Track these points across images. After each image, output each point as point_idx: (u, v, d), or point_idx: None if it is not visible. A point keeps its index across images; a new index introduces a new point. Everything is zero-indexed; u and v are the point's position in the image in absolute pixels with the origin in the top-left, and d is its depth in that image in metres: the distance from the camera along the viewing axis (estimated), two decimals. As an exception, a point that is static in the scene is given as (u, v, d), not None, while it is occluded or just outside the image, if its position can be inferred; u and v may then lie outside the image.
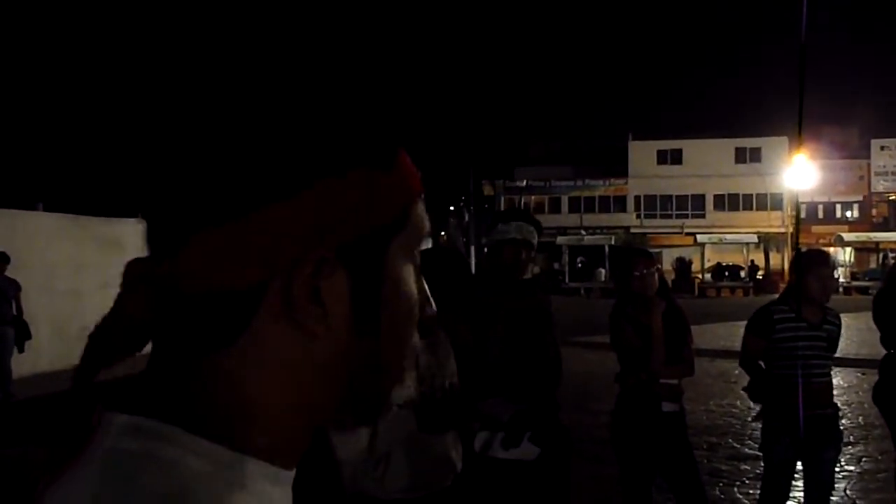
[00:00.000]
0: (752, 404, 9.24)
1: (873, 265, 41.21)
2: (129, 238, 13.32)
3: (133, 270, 0.60)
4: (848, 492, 6.38)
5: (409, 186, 0.64)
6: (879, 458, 7.24)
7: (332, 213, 0.58)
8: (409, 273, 0.64)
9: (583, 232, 48.75)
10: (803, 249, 4.96)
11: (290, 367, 0.59)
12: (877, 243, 41.32)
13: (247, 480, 0.57)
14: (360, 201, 0.59)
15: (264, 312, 0.57)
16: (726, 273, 41.71)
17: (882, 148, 47.69)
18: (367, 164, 0.60)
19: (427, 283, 0.68)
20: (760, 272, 42.86)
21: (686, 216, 50.28)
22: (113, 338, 0.60)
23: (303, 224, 0.57)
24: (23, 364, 11.14)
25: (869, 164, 48.08)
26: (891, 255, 37.70)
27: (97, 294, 13.31)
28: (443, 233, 57.73)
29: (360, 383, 0.63)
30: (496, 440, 3.63)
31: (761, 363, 4.59)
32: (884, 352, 5.16)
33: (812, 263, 4.52)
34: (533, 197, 51.91)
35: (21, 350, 10.84)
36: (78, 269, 13.30)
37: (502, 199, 52.57)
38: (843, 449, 7.19)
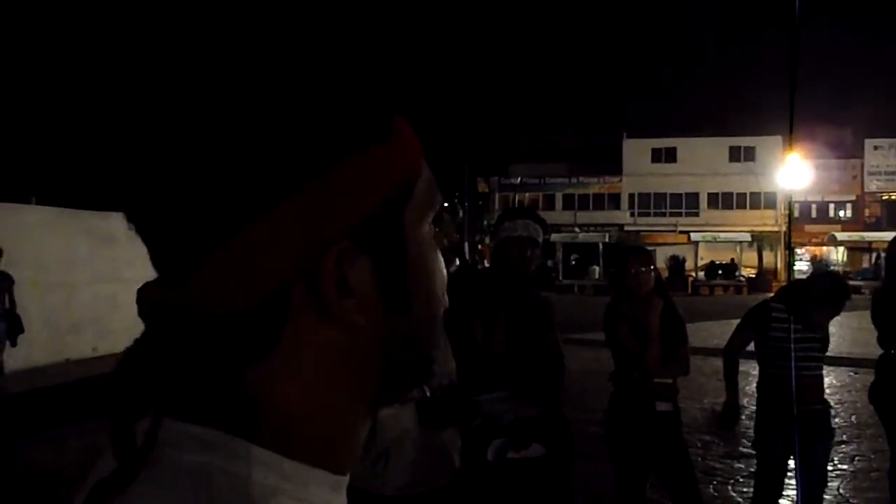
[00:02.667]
0: (745, 402, 9.28)
1: (866, 265, 41.41)
2: (121, 232, 13.19)
3: (148, 297, 0.57)
4: (841, 490, 6.40)
5: (410, 152, 0.61)
6: (872, 456, 7.26)
7: (339, 201, 0.55)
8: (428, 239, 0.62)
9: (577, 229, 48.81)
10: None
11: (336, 364, 0.58)
12: (869, 243, 41.47)
13: (311, 492, 0.57)
14: (364, 181, 0.57)
15: (296, 317, 0.55)
16: (719, 271, 41.84)
17: (875, 148, 47.82)
18: (364, 141, 0.57)
19: None
20: (751, 271, 43.01)
21: (680, 214, 50.35)
22: (142, 367, 0.58)
23: (311, 220, 0.54)
24: (15, 358, 11.11)
25: (862, 164, 48.20)
26: (883, 254, 37.80)
27: (90, 287, 13.29)
28: (437, 229, 57.60)
29: (402, 360, 0.62)
30: (508, 448, 3.63)
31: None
32: (879, 351, 5.16)
33: (825, 297, 4.50)
34: (527, 194, 51.92)
35: (14, 344, 10.81)
36: (71, 262, 13.25)
37: (497, 196, 52.62)
38: (837, 448, 7.22)
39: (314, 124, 0.56)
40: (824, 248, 40.42)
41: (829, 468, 5.91)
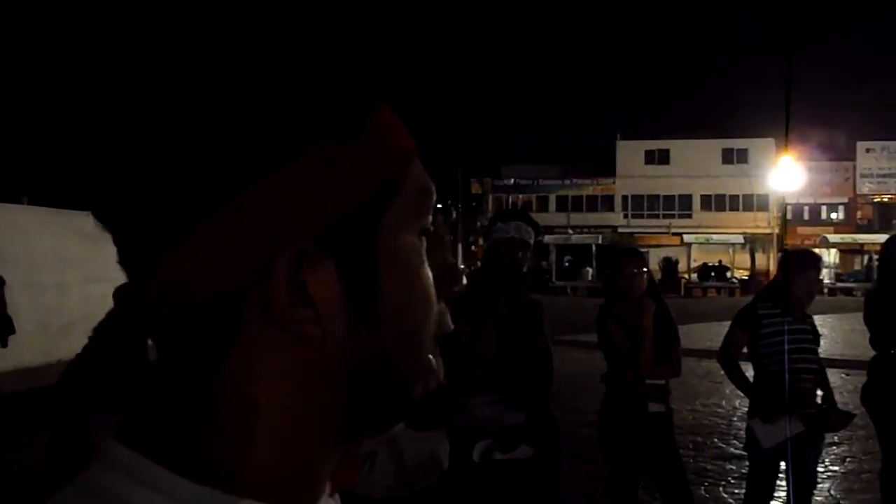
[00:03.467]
0: (737, 404, 9.32)
1: (858, 267, 41.57)
2: (114, 232, 13.21)
3: (120, 298, 0.56)
4: (832, 492, 6.41)
5: (387, 152, 0.54)
6: (863, 458, 7.27)
7: (296, 201, 0.50)
8: (412, 251, 0.56)
9: (570, 231, 48.89)
10: (790, 249, 4.99)
11: (290, 381, 0.52)
12: (861, 245, 41.60)
13: None
14: (327, 180, 0.51)
15: (249, 324, 0.51)
16: (712, 273, 41.94)
17: (868, 150, 48.04)
18: (327, 137, 0.52)
19: None
20: (744, 272, 43.14)
21: (673, 216, 50.49)
22: (92, 372, 0.57)
23: (265, 217, 0.50)
24: (6, 359, 11.07)
25: (854, 167, 48.42)
26: (875, 257, 37.97)
27: (81, 288, 13.24)
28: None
29: (372, 384, 0.55)
30: (494, 449, 3.63)
31: (748, 372, 4.60)
32: (872, 353, 5.17)
33: (799, 265, 4.53)
34: (521, 195, 51.99)
35: (4, 345, 10.78)
36: (62, 262, 13.21)
37: (490, 197, 52.68)
38: (828, 449, 7.24)
39: (266, 117, 0.51)
40: (816, 250, 40.55)
41: (821, 469, 5.93)
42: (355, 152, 0.53)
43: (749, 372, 4.64)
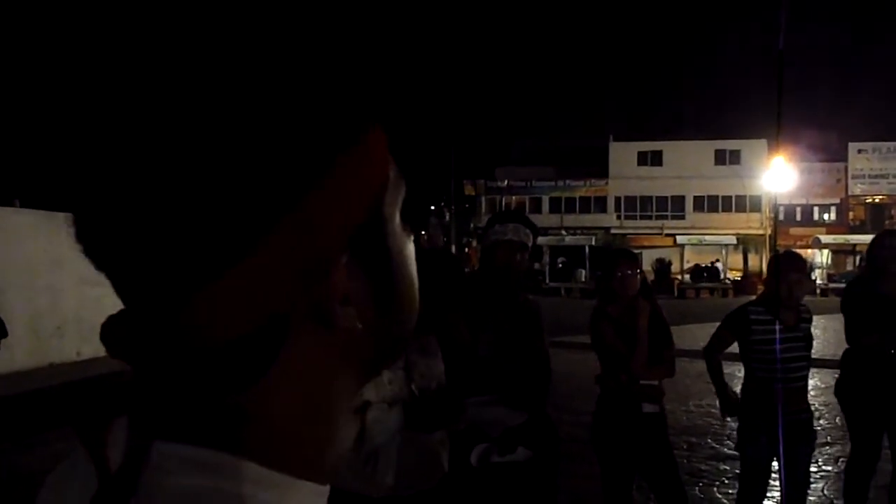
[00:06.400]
0: (731, 405, 9.31)
1: (850, 267, 41.62)
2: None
3: (119, 332, 0.55)
4: (825, 491, 6.43)
5: (383, 150, 0.58)
6: (856, 458, 7.29)
7: (331, 215, 0.53)
8: (400, 230, 0.61)
9: (563, 232, 48.90)
10: (780, 251, 5.01)
11: (332, 372, 0.58)
12: (853, 245, 41.70)
13: None
14: (349, 190, 0.54)
15: (296, 328, 0.54)
16: (705, 274, 42.00)
17: (859, 151, 48.18)
18: (339, 150, 0.54)
19: (422, 285, 0.65)
20: (737, 273, 43.24)
21: (666, 217, 50.57)
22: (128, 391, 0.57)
23: (307, 242, 0.52)
24: (-1, 362, 11.03)
25: (846, 168, 48.56)
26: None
27: (74, 291, 13.20)
28: (423, 232, 57.69)
29: (384, 356, 0.63)
30: (493, 452, 3.63)
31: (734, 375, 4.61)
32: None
33: (783, 267, 4.55)
34: (514, 197, 52.03)
35: (-3, 348, 10.72)
36: (55, 265, 13.17)
37: (483, 199, 52.69)
38: (821, 449, 7.26)
39: (294, 140, 0.52)
40: (809, 250, 40.67)
41: (813, 469, 5.94)
42: (362, 158, 0.56)
43: (739, 373, 4.65)
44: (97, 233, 0.54)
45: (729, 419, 5.50)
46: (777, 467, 4.53)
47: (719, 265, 42.63)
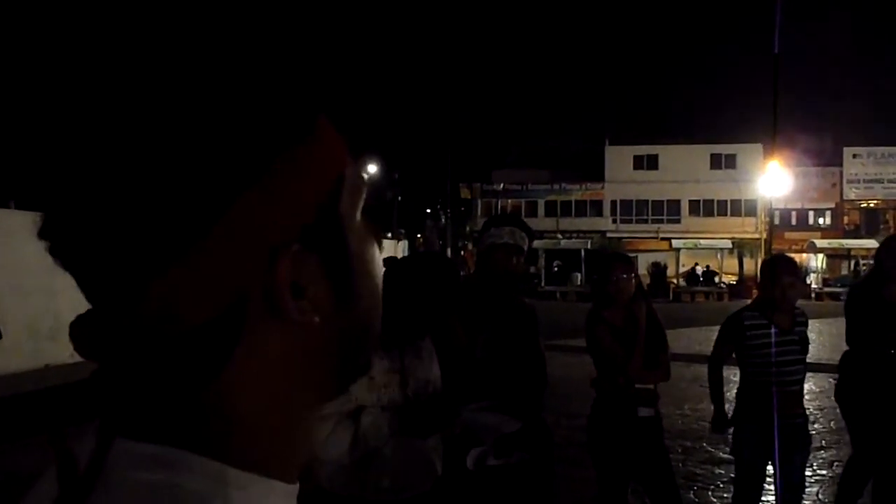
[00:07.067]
0: (726, 409, 9.33)
1: (845, 272, 41.72)
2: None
3: (85, 330, 0.56)
4: (820, 496, 6.44)
5: (336, 145, 0.60)
6: (851, 462, 7.30)
7: (280, 205, 0.55)
8: (363, 228, 0.62)
9: (559, 236, 48.92)
10: (768, 258, 5.03)
11: (293, 366, 0.58)
12: (848, 250, 41.79)
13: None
14: (300, 181, 0.56)
15: (252, 321, 0.55)
16: (700, 278, 42.05)
17: (854, 156, 48.27)
18: (295, 140, 0.56)
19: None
20: (732, 277, 43.31)
21: (661, 221, 50.57)
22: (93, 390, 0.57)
23: (256, 230, 0.54)
24: (-6, 364, 11.01)
25: (841, 172, 48.64)
26: (862, 262, 38.16)
27: (70, 293, 13.12)
28: (419, 235, 57.73)
29: (353, 351, 0.63)
30: (488, 456, 3.63)
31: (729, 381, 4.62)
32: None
33: (775, 271, 4.57)
34: (510, 200, 52.00)
35: (-9, 350, 10.70)
36: (51, 267, 13.05)
37: (479, 202, 52.66)
38: (816, 453, 7.27)
39: (241, 130, 0.54)
40: (804, 255, 40.74)
41: (808, 474, 5.96)
42: (313, 150, 0.57)
43: (735, 377, 4.66)
44: (56, 229, 0.57)
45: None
46: (772, 471, 4.54)
47: (699, 270, 42.71)
